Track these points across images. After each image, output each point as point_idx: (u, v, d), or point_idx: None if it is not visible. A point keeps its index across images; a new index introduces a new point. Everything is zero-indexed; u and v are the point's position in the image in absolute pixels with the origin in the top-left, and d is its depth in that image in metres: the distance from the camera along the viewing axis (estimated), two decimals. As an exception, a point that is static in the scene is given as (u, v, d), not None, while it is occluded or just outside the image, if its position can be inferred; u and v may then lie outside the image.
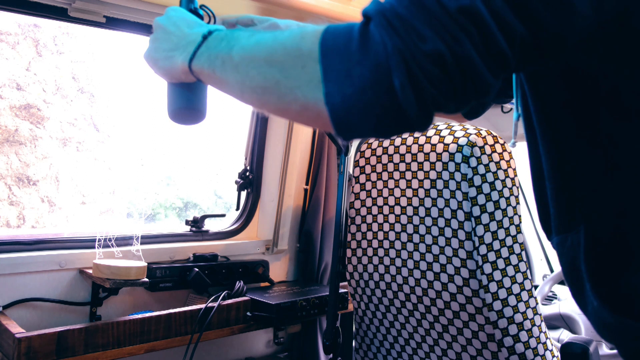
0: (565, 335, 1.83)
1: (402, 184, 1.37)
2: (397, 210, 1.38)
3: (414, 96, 0.56)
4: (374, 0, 0.62)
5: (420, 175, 1.32)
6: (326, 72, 0.59)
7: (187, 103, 0.88)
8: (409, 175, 1.35)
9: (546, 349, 1.28)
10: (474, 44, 0.56)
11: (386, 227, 1.41)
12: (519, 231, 1.27)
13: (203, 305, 1.41)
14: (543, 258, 2.69)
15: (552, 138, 0.73)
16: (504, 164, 1.26)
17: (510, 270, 1.25)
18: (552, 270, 2.64)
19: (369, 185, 1.46)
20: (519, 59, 0.60)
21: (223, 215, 1.89)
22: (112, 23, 1.39)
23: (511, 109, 2.05)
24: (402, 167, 1.37)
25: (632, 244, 0.67)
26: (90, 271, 1.38)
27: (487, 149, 1.24)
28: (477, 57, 0.56)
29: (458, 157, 1.24)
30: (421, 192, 1.32)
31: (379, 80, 0.57)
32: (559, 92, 0.70)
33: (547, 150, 0.74)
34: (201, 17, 0.93)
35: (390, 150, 1.40)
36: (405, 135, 1.38)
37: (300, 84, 0.62)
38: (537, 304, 1.29)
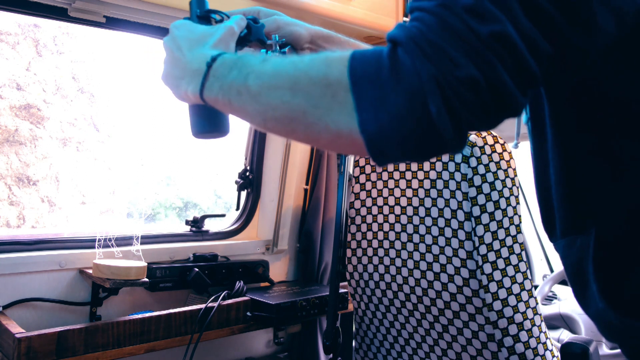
0: (565, 335, 1.83)
1: (402, 184, 1.37)
2: (397, 210, 1.38)
3: (450, 121, 0.57)
4: (399, 25, 0.62)
5: (420, 175, 1.32)
6: (359, 101, 0.59)
7: (209, 126, 0.86)
8: (408, 175, 1.35)
9: (546, 349, 1.28)
10: (506, 68, 0.58)
11: (386, 227, 1.41)
12: (519, 231, 1.27)
13: (203, 305, 1.41)
14: (543, 258, 2.69)
15: (563, 144, 0.74)
16: (504, 164, 1.26)
17: (510, 270, 1.25)
18: (552, 270, 2.64)
19: (369, 185, 1.46)
20: (544, 75, 0.62)
21: (223, 215, 1.89)
22: (112, 23, 1.39)
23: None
24: (402, 167, 1.37)
25: None
26: (90, 271, 1.38)
27: (487, 149, 1.24)
28: (509, 79, 0.58)
29: (458, 157, 1.24)
30: (421, 192, 1.32)
31: (415, 108, 0.57)
32: (575, 100, 0.71)
33: (557, 156, 0.75)
34: (213, 20, 0.91)
35: (390, 150, 1.40)
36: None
37: (331, 113, 0.61)
38: (537, 304, 1.29)
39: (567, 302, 1.86)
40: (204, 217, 1.75)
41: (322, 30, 1.02)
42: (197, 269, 1.55)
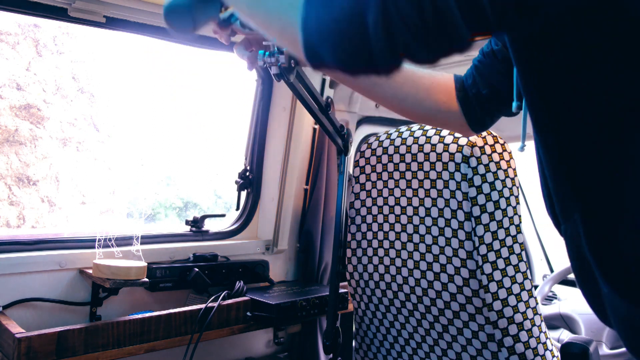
0: (565, 335, 1.83)
1: (402, 184, 1.37)
2: (397, 210, 1.38)
3: (385, 36, 0.56)
4: None
5: (420, 175, 1.32)
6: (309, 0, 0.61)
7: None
8: (409, 175, 1.35)
9: (546, 349, 1.27)
10: None
11: (386, 227, 1.41)
12: (519, 231, 1.27)
13: (203, 305, 1.41)
14: (543, 258, 2.69)
15: (548, 123, 0.73)
16: (504, 164, 1.26)
17: (510, 270, 1.25)
18: (552, 270, 2.64)
19: (369, 185, 1.46)
20: (498, 19, 0.60)
21: (223, 215, 1.89)
22: (112, 23, 1.39)
23: (511, 109, 2.05)
24: (402, 167, 1.37)
25: (630, 230, 0.67)
26: (90, 271, 1.38)
27: (487, 149, 1.24)
28: (456, 8, 0.56)
29: (458, 157, 1.24)
30: (421, 192, 1.32)
31: (355, 13, 0.57)
32: (554, 71, 0.70)
33: (544, 140, 0.74)
34: None
35: (390, 150, 1.40)
36: (405, 135, 1.38)
37: (283, 5, 0.64)
38: (537, 304, 1.29)
39: (567, 302, 1.86)
40: (204, 217, 1.75)
41: None
42: (197, 269, 1.55)
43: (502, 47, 1.00)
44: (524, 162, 1.45)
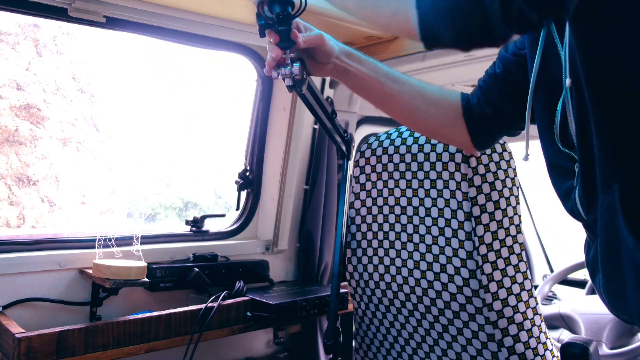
0: (565, 335, 1.83)
1: (402, 183, 1.37)
2: (397, 210, 1.38)
3: (501, 4, 0.59)
4: None
5: (420, 175, 1.32)
6: None
7: None
8: (409, 175, 1.35)
9: (546, 349, 1.27)
10: None
11: (386, 227, 1.41)
12: (519, 231, 1.27)
13: (203, 305, 1.41)
14: (543, 258, 2.69)
15: (599, 99, 0.74)
16: (504, 164, 1.27)
17: (510, 270, 1.25)
18: (552, 270, 2.64)
19: (369, 185, 1.46)
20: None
21: (223, 215, 1.89)
22: (112, 23, 1.39)
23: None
24: (402, 167, 1.37)
25: None
26: (90, 271, 1.38)
27: (487, 149, 1.24)
28: None
29: (458, 157, 1.24)
30: (421, 192, 1.32)
31: None
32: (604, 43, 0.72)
33: (596, 113, 0.75)
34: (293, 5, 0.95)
35: (390, 150, 1.40)
36: (405, 135, 1.38)
37: None
38: (537, 304, 1.29)
39: (567, 302, 1.86)
40: (204, 217, 1.75)
41: (346, 47, 1.08)
42: (197, 269, 1.55)
43: (504, 70, 1.03)
44: (524, 162, 1.44)
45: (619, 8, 0.69)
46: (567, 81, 0.89)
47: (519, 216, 1.28)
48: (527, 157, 0.96)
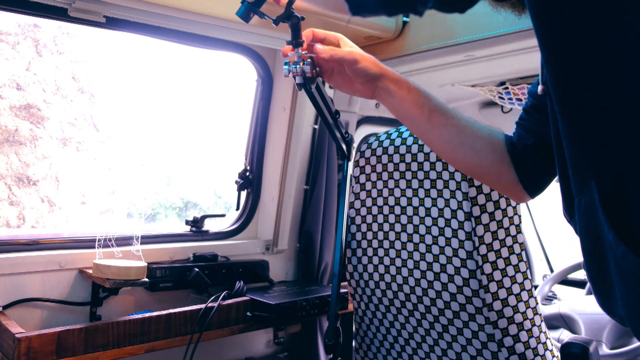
0: (565, 335, 1.83)
1: (402, 184, 1.37)
2: (397, 210, 1.38)
3: None
4: None
5: (420, 175, 1.32)
6: None
7: None
8: (409, 175, 1.35)
9: (546, 349, 1.28)
10: None
11: (386, 227, 1.41)
12: (519, 231, 1.27)
13: (203, 305, 1.41)
14: (543, 258, 2.69)
15: (564, 97, 0.73)
16: (504, 164, 1.26)
17: (510, 270, 1.25)
18: (552, 270, 2.64)
19: (369, 185, 1.46)
20: None
21: (223, 215, 1.89)
22: (112, 23, 1.39)
23: (511, 109, 2.05)
24: (402, 167, 1.37)
25: None
26: (90, 271, 1.38)
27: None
28: None
29: (458, 157, 1.24)
30: (421, 192, 1.32)
31: None
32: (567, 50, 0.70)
33: (561, 112, 0.74)
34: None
35: (390, 150, 1.40)
36: (405, 135, 1.38)
37: None
38: (537, 304, 1.28)
39: (567, 302, 1.86)
40: (204, 217, 1.75)
41: (396, 74, 1.07)
42: (197, 269, 1.55)
43: (535, 100, 1.01)
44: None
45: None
46: (539, 88, 0.88)
47: (519, 216, 1.28)
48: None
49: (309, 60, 1.03)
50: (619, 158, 0.70)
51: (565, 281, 2.18)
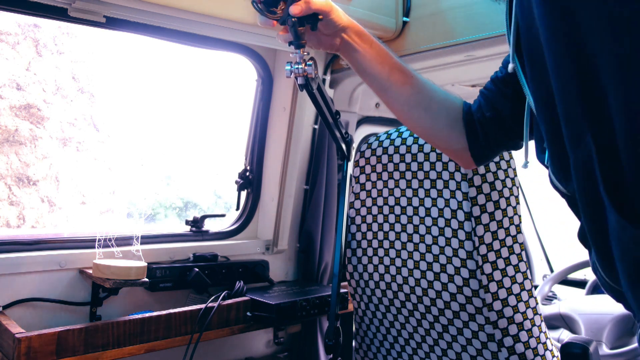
0: (565, 335, 1.83)
1: (402, 183, 1.37)
2: (397, 210, 1.38)
3: None
4: None
5: (420, 175, 1.32)
6: None
7: None
8: (408, 175, 1.35)
9: (546, 349, 1.28)
10: None
11: (386, 227, 1.41)
12: (519, 231, 1.27)
13: (203, 305, 1.41)
14: (543, 258, 2.69)
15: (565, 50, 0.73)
16: (503, 164, 1.26)
17: (510, 270, 1.25)
18: (552, 270, 2.64)
19: (369, 185, 1.46)
20: None
21: (223, 215, 1.89)
22: (112, 23, 1.39)
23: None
24: (402, 167, 1.37)
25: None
26: (90, 271, 1.38)
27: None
28: None
29: (458, 157, 1.24)
30: (421, 192, 1.32)
31: None
32: None
33: (559, 63, 0.74)
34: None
35: (390, 150, 1.40)
36: (405, 135, 1.38)
37: None
38: (537, 304, 1.28)
39: (567, 302, 1.86)
40: (204, 217, 1.75)
41: (358, 25, 1.06)
42: (197, 269, 1.55)
43: (506, 73, 1.01)
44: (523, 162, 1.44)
45: None
46: (510, 66, 0.88)
47: (519, 216, 1.28)
48: (526, 165, 0.95)
49: (310, 61, 1.03)
50: (612, 109, 0.68)
51: (565, 281, 2.18)
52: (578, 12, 0.70)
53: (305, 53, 1.03)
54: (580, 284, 2.25)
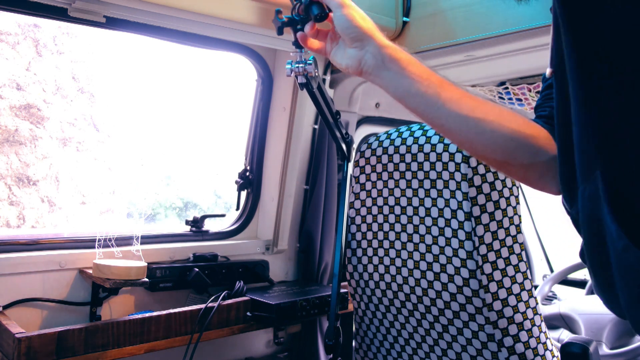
0: (565, 335, 1.83)
1: (402, 183, 1.37)
2: (397, 210, 1.38)
3: None
4: None
5: (420, 175, 1.32)
6: None
7: None
8: (409, 175, 1.35)
9: (546, 349, 1.28)
10: None
11: (386, 227, 1.41)
12: (519, 231, 1.27)
13: (203, 305, 1.41)
14: (543, 258, 2.69)
15: (582, 78, 0.71)
16: (504, 164, 1.26)
17: (510, 270, 1.25)
18: (552, 270, 2.64)
19: (369, 185, 1.46)
20: None
21: (223, 215, 1.89)
22: (112, 23, 1.39)
23: (511, 109, 2.05)
24: (402, 167, 1.37)
25: None
26: (90, 271, 1.38)
27: None
28: None
29: (458, 157, 1.24)
30: (421, 192, 1.32)
31: None
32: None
33: (577, 96, 0.73)
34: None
35: (390, 150, 1.40)
36: (405, 135, 1.38)
37: None
38: (537, 304, 1.29)
39: (567, 302, 1.86)
40: (204, 217, 1.75)
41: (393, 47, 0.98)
42: (197, 269, 1.55)
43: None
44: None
45: None
46: (548, 71, 0.87)
47: (519, 216, 1.28)
48: None
49: (310, 60, 1.03)
50: (626, 149, 0.69)
51: (565, 281, 2.18)
52: (593, 36, 0.70)
53: (306, 52, 1.03)
54: (580, 284, 2.25)
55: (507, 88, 1.82)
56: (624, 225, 0.69)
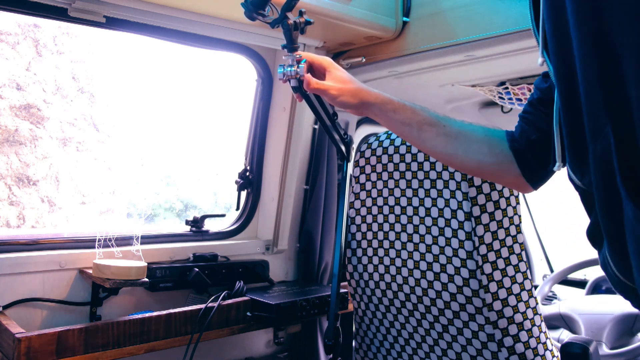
0: (565, 335, 1.83)
1: (402, 183, 1.37)
2: (397, 210, 1.38)
3: None
4: None
5: (420, 175, 1.32)
6: None
7: None
8: (409, 175, 1.35)
9: (546, 349, 1.28)
10: None
11: (386, 227, 1.41)
12: (519, 231, 1.27)
13: (203, 305, 1.41)
14: (543, 258, 2.69)
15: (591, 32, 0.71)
16: (504, 164, 1.26)
17: (510, 270, 1.25)
18: (552, 270, 2.64)
19: (369, 185, 1.46)
20: None
21: (223, 215, 1.89)
22: (112, 23, 1.39)
23: (511, 109, 2.05)
24: (402, 167, 1.37)
25: None
26: (90, 271, 1.38)
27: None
28: None
29: (458, 157, 1.24)
30: (421, 192, 1.32)
31: None
32: None
33: (581, 54, 0.73)
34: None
35: (390, 150, 1.40)
36: (405, 135, 1.38)
37: None
38: (537, 304, 1.28)
39: (567, 302, 1.86)
40: (204, 217, 1.75)
41: (382, 95, 1.14)
42: (197, 269, 1.55)
43: (541, 93, 1.01)
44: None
45: None
46: (539, 60, 0.88)
47: (519, 216, 1.28)
48: (557, 167, 0.93)
49: (302, 63, 1.04)
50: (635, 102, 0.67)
51: (565, 281, 2.18)
52: (606, 7, 0.70)
53: (298, 55, 1.04)
54: (580, 284, 2.25)
55: (507, 88, 1.82)
56: (635, 196, 0.68)
